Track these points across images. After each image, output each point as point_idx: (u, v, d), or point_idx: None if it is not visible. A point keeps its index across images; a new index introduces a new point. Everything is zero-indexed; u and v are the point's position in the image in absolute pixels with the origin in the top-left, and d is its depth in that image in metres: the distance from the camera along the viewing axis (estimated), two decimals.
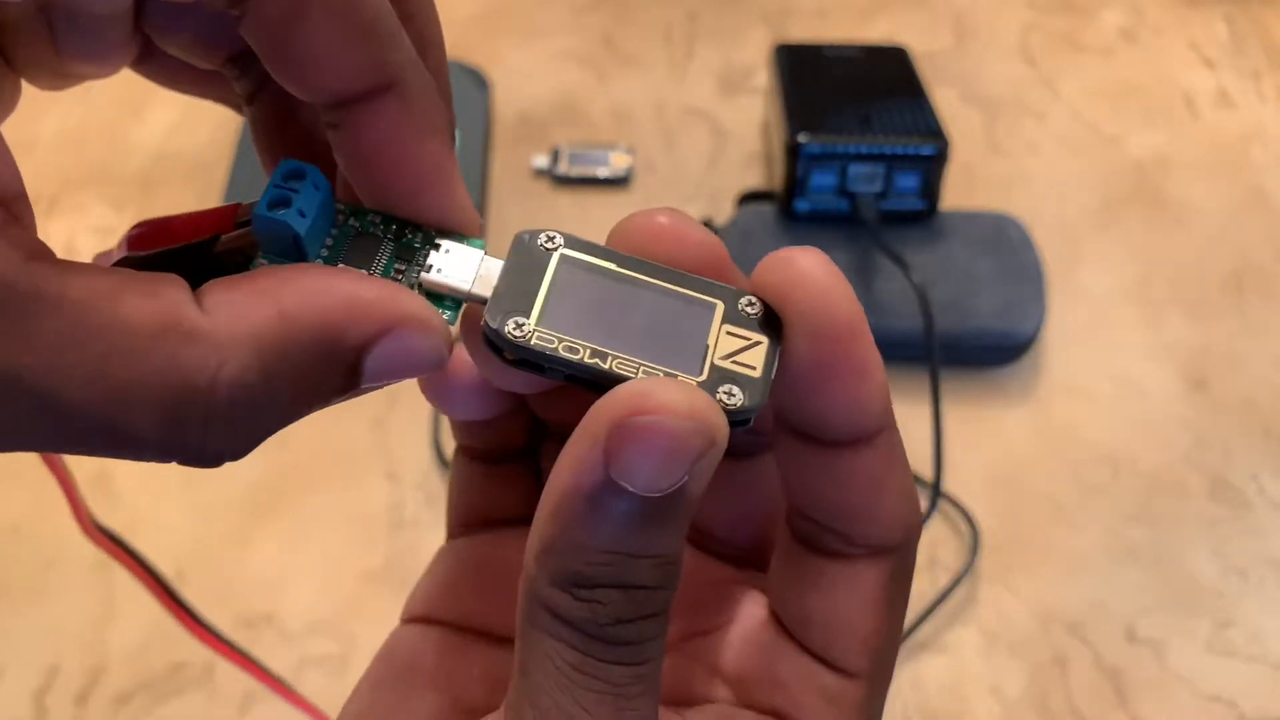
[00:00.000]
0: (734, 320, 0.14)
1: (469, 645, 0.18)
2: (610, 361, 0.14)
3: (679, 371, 0.14)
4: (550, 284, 0.14)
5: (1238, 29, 0.56)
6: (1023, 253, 0.44)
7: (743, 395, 0.14)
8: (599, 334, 0.14)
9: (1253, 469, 0.41)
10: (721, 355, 0.14)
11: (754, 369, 0.14)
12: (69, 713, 0.36)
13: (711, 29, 0.56)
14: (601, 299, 0.14)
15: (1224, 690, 0.37)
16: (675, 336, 0.14)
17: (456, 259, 0.14)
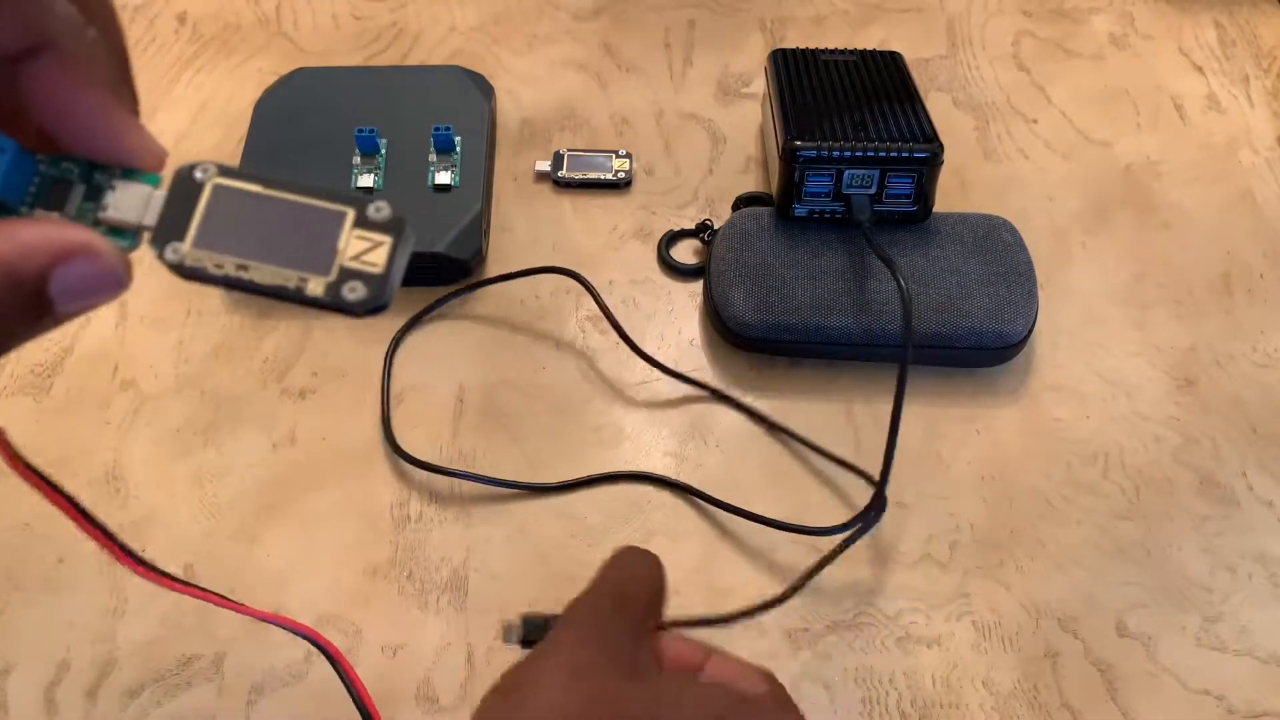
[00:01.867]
0: (363, 224, 0.16)
1: None
2: (251, 273, 0.16)
3: (311, 274, 0.16)
4: (203, 211, 0.17)
5: (1226, 34, 0.57)
6: (1014, 254, 0.44)
7: (364, 290, 0.16)
8: (244, 250, 0.16)
9: (1241, 466, 0.42)
10: (349, 257, 0.16)
11: (376, 265, 0.16)
12: (79, 706, 0.36)
13: (709, 36, 0.56)
14: (248, 219, 0.16)
15: (1213, 684, 0.37)
16: (309, 243, 0.16)
17: (132, 196, 0.17)
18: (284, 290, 0.16)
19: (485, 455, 0.42)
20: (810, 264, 0.44)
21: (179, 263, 0.17)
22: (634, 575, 0.25)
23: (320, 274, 0.16)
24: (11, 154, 0.17)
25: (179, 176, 0.17)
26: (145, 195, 0.17)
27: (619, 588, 0.24)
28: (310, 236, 0.16)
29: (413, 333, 0.46)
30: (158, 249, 0.17)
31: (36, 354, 0.45)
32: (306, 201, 0.16)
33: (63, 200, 0.17)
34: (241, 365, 0.44)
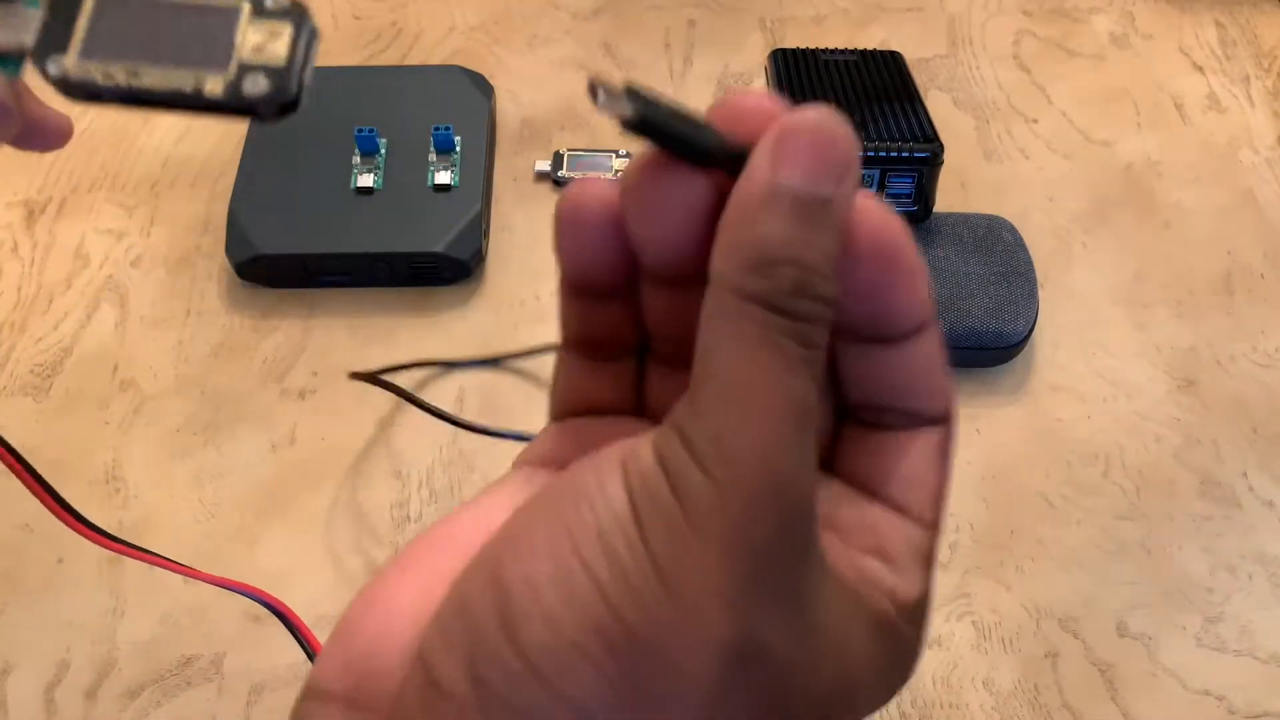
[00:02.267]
0: (261, 14, 0.15)
1: None
2: (143, 78, 0.15)
3: (208, 73, 0.15)
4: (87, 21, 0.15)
5: (1227, 34, 0.57)
6: (1015, 254, 0.44)
7: (268, 81, 0.15)
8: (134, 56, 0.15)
9: (1242, 466, 0.42)
10: (249, 50, 0.15)
11: (279, 57, 0.15)
12: (79, 707, 0.36)
13: (709, 36, 0.56)
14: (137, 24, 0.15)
15: (1213, 684, 0.37)
16: (204, 43, 0.15)
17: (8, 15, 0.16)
18: (181, 94, 0.15)
19: (486, 457, 0.42)
20: None
21: (62, 76, 0.15)
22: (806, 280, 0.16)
23: (218, 72, 0.15)
24: None
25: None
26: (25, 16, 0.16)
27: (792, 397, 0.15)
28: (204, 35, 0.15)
29: (411, 333, 0.46)
30: (39, 65, 0.15)
31: (36, 354, 0.45)
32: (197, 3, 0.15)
33: None
34: (241, 365, 0.44)
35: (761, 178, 0.15)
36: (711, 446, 0.14)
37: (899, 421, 0.17)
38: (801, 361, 0.15)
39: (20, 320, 0.46)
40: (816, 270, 0.15)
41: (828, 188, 0.15)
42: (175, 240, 0.49)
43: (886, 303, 0.16)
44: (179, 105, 0.15)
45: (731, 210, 0.15)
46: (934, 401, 0.17)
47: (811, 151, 0.15)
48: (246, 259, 0.46)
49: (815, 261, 0.15)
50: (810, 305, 0.15)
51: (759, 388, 0.14)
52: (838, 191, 0.15)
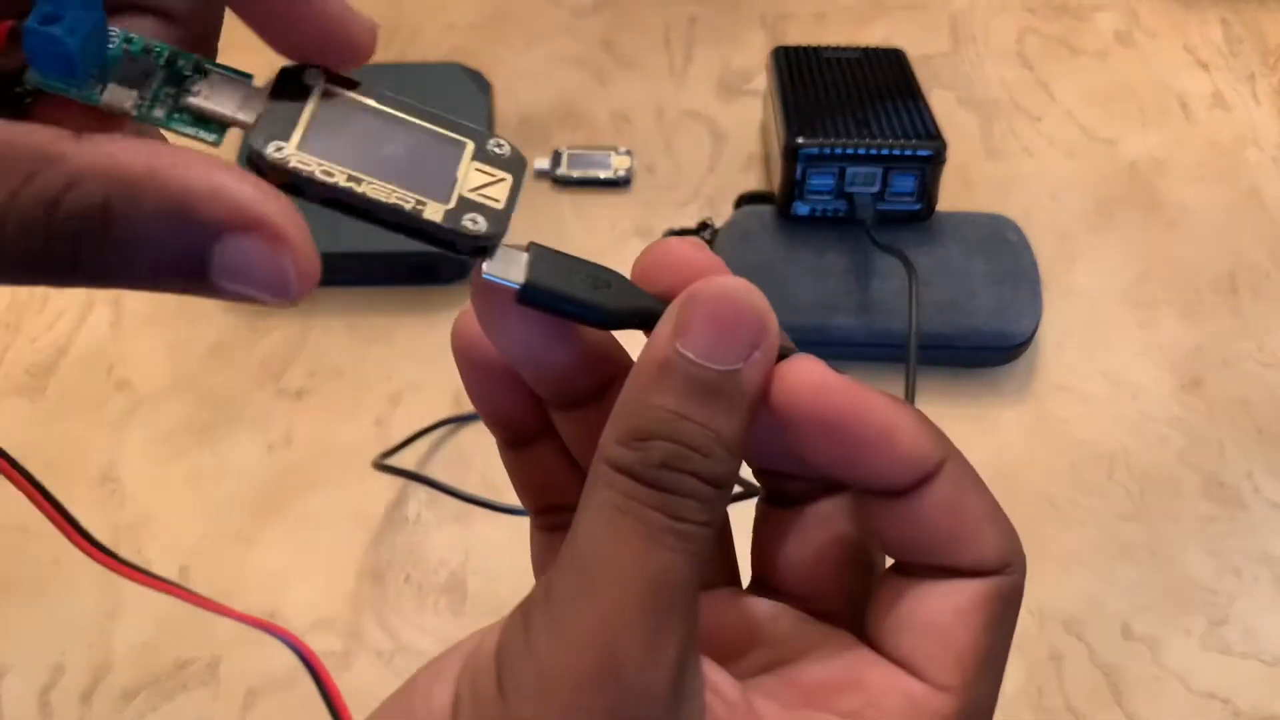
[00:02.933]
0: (483, 158, 0.15)
1: None
2: (363, 186, 0.14)
3: (429, 199, 0.15)
4: (311, 114, 0.15)
5: (1232, 32, 0.56)
6: (1019, 253, 0.44)
7: (485, 222, 0.15)
8: (354, 163, 0.15)
9: (1247, 467, 0.42)
10: (469, 188, 0.15)
11: (498, 201, 0.15)
12: (74, 710, 0.36)
13: (710, 33, 0.56)
14: (361, 132, 0.15)
15: (1218, 687, 0.37)
16: (427, 169, 0.15)
17: (224, 86, 0.15)
18: (398, 211, 0.14)
19: (485, 457, 0.42)
20: (813, 263, 0.43)
21: (283, 161, 0.14)
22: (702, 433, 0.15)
23: (438, 201, 0.15)
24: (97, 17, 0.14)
25: (284, 74, 0.15)
26: (241, 87, 0.15)
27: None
28: (429, 163, 0.15)
29: (410, 332, 0.45)
30: (257, 143, 0.14)
31: (31, 354, 0.45)
32: (424, 125, 0.15)
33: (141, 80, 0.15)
34: (238, 365, 0.44)
35: (659, 347, 0.14)
36: (547, 630, 0.13)
37: (933, 575, 0.15)
38: (668, 534, 0.13)
39: (15, 320, 0.46)
40: (700, 447, 0.14)
41: (730, 361, 0.14)
42: None
43: (858, 466, 0.15)
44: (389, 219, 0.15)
45: (630, 377, 0.14)
46: (970, 555, 0.15)
47: (716, 322, 0.14)
48: None
49: (698, 439, 0.14)
50: (684, 480, 0.14)
51: (611, 562, 0.13)
52: (746, 365, 0.14)
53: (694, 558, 0.14)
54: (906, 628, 0.15)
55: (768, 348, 0.14)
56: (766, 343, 0.14)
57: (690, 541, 0.14)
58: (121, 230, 0.13)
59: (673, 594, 0.14)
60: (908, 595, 0.15)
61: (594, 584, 0.13)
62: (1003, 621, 0.15)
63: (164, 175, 0.13)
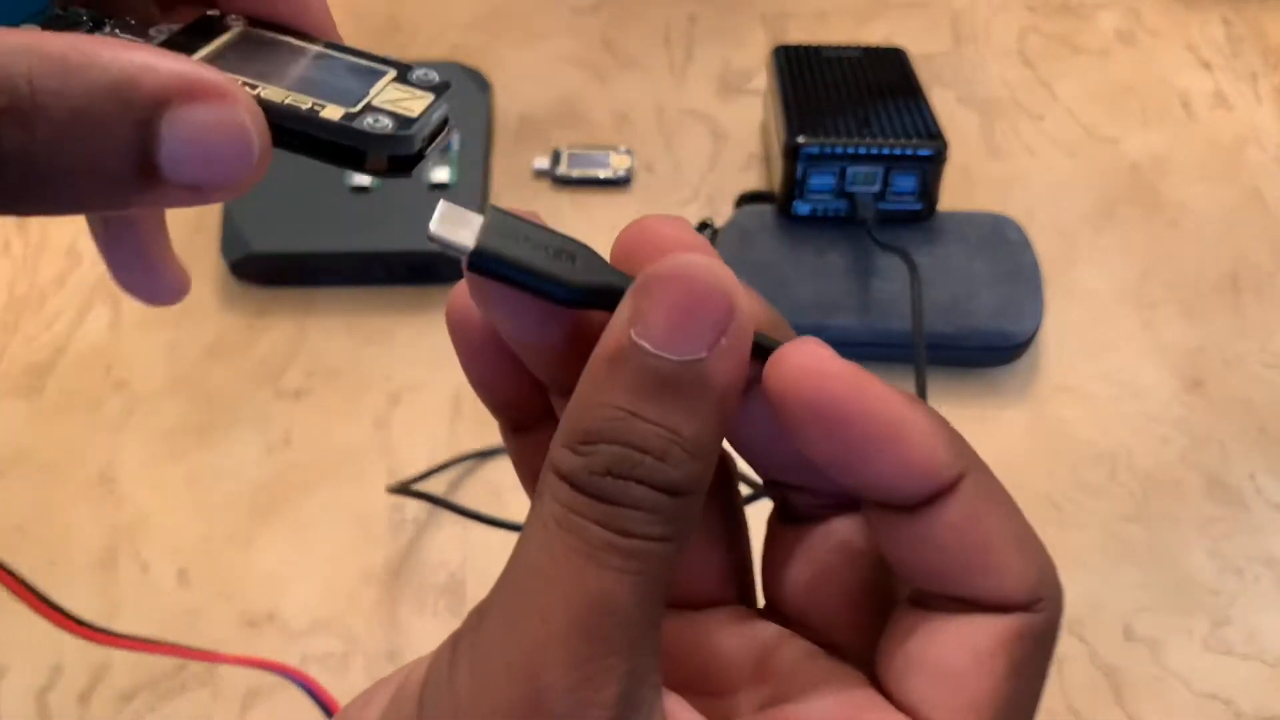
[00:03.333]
0: (405, 82, 0.15)
1: None
2: (260, 90, 0.14)
3: (327, 102, 0.14)
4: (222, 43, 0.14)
5: (1234, 31, 0.56)
6: (1020, 253, 0.44)
7: (391, 124, 0.14)
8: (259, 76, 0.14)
9: (1249, 468, 0.42)
10: (379, 100, 0.14)
11: (411, 110, 0.14)
12: (72, 711, 0.36)
13: (710, 31, 0.56)
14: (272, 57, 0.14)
15: (1220, 688, 0.37)
16: (337, 86, 0.14)
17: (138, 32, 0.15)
18: (294, 112, 0.13)
19: (484, 458, 0.42)
20: (813, 263, 0.43)
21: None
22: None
23: (340, 105, 0.14)
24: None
25: (203, 18, 0.15)
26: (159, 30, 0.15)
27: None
28: (339, 81, 0.14)
29: (410, 332, 0.45)
30: None
31: (29, 354, 0.44)
32: (343, 57, 0.14)
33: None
34: (236, 366, 0.44)
35: (613, 336, 0.12)
36: (470, 662, 0.12)
37: (951, 607, 0.14)
38: (609, 552, 0.12)
39: (13, 320, 0.45)
40: (653, 450, 0.12)
41: (691, 350, 0.12)
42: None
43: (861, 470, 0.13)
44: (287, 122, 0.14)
45: (584, 371, 0.13)
46: (990, 585, 0.13)
47: (674, 306, 0.12)
48: (241, 257, 0.45)
49: (650, 441, 0.12)
50: (630, 489, 0.12)
51: (543, 585, 0.12)
52: (711, 354, 0.12)
53: (644, 578, 0.12)
54: (917, 670, 0.13)
55: (737, 332, 0.12)
56: (735, 326, 0.12)
57: (639, 560, 0.12)
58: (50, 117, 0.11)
59: (614, 621, 0.12)
60: (921, 632, 0.14)
61: (523, 607, 0.12)
62: (1030, 666, 0.14)
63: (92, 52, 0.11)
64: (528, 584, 0.12)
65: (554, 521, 0.12)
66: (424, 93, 0.14)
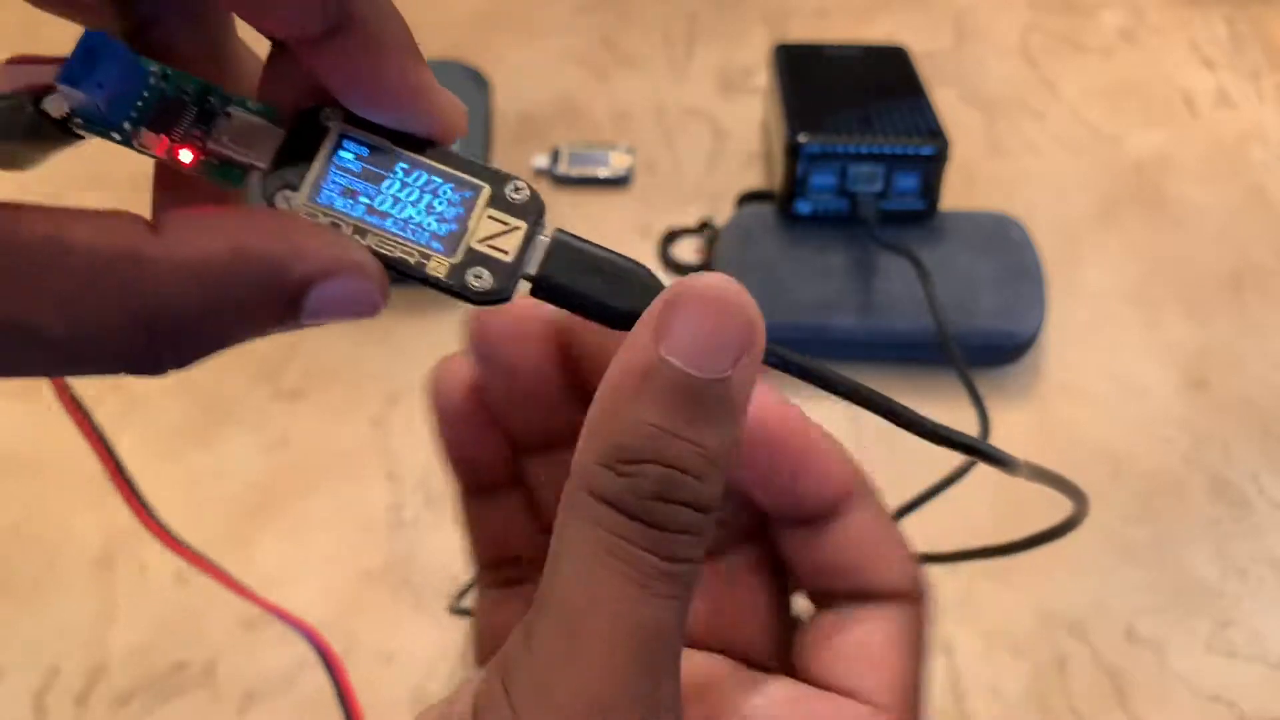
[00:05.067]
0: (498, 204, 0.15)
1: None
2: (369, 239, 0.14)
3: (434, 252, 0.14)
4: (324, 159, 0.15)
5: (1237, 29, 0.56)
6: (1023, 253, 0.44)
7: (491, 279, 0.14)
8: (363, 211, 0.14)
9: (1253, 469, 0.41)
10: (478, 239, 0.15)
11: (507, 254, 0.15)
12: (69, 713, 0.36)
13: (711, 29, 0.56)
14: (373, 176, 0.15)
15: (1224, 690, 0.37)
16: (438, 216, 0.15)
17: (243, 127, 0.15)
18: (403, 264, 0.14)
19: None
20: (814, 262, 0.43)
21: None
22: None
23: (445, 253, 0.14)
24: (125, 61, 0.14)
25: (302, 116, 0.15)
26: (260, 130, 0.15)
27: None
28: (438, 208, 0.15)
29: (407, 332, 0.45)
30: (267, 195, 0.14)
31: None
32: (440, 168, 0.15)
33: (171, 123, 0.15)
34: (233, 366, 0.44)
35: (639, 351, 0.13)
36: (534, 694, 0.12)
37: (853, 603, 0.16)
38: (660, 579, 0.12)
39: None
40: (692, 469, 0.12)
41: (719, 368, 0.12)
42: None
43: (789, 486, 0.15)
44: (394, 269, 0.15)
45: (603, 386, 0.13)
46: (884, 576, 0.16)
47: (703, 324, 0.12)
48: None
49: (689, 460, 0.12)
50: (679, 513, 0.12)
51: (599, 615, 0.12)
52: (735, 371, 0.13)
53: (684, 601, 0.13)
54: (842, 659, 0.15)
55: (756, 353, 0.13)
56: (756, 347, 0.13)
57: (682, 584, 0.13)
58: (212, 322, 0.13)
59: (665, 648, 0.12)
60: (836, 629, 0.16)
61: (583, 642, 0.12)
62: (923, 643, 0.16)
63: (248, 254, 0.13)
64: (583, 616, 0.12)
65: (604, 549, 0.12)
66: (517, 220, 0.15)
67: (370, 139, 0.15)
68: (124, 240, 0.12)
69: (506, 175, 0.15)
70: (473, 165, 0.15)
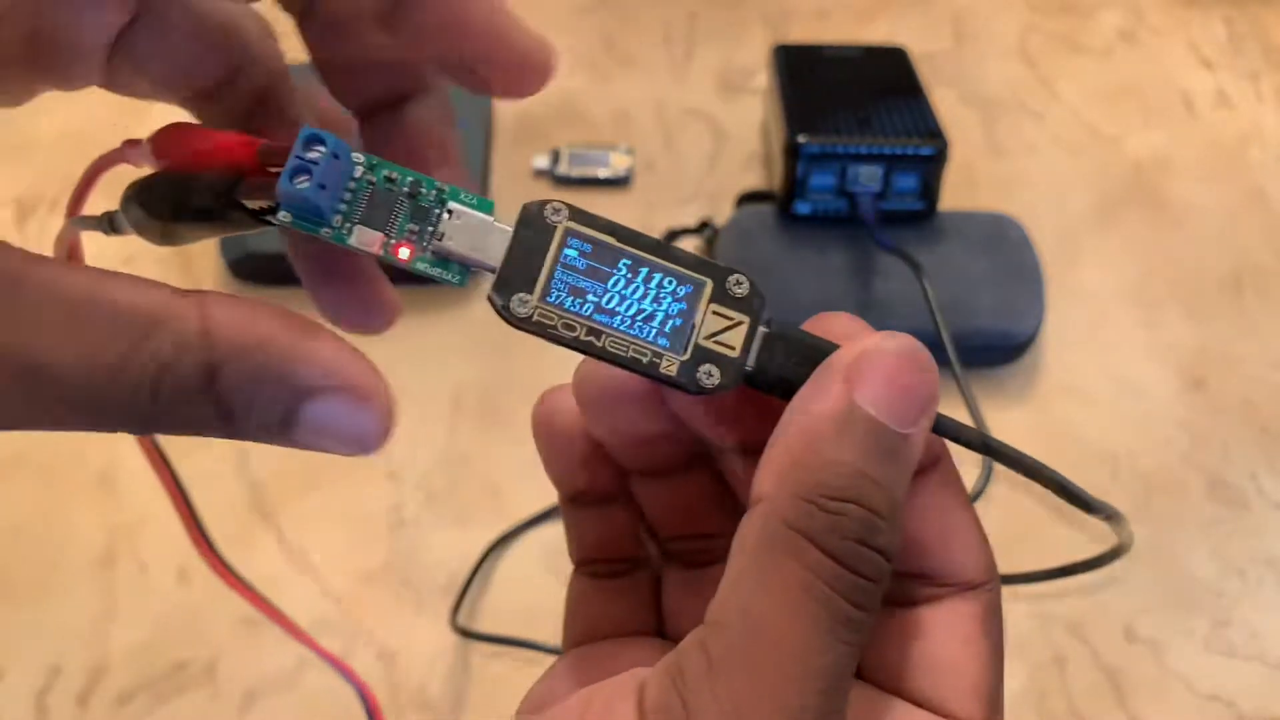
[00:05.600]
0: (720, 299, 0.15)
1: None
2: (603, 340, 0.15)
3: (665, 351, 0.15)
4: (553, 259, 0.15)
5: (1236, 30, 0.56)
6: (1021, 253, 0.44)
7: (719, 376, 0.15)
8: (594, 310, 0.15)
9: (1251, 468, 0.41)
10: (705, 335, 0.15)
11: (733, 349, 0.15)
12: (71, 713, 0.36)
13: (711, 30, 0.56)
14: (602, 274, 0.15)
15: (1222, 689, 0.37)
16: (665, 313, 0.15)
17: (466, 225, 0.15)
18: (636, 364, 0.15)
19: (484, 458, 0.41)
20: (814, 263, 0.43)
21: (528, 317, 0.15)
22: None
23: (675, 352, 0.15)
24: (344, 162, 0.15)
25: (527, 214, 0.15)
26: (483, 226, 0.15)
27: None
28: (665, 305, 0.15)
29: (410, 332, 0.45)
30: (503, 298, 0.15)
31: None
32: (662, 263, 0.15)
33: (385, 217, 0.15)
34: None
35: (833, 397, 0.13)
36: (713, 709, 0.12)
37: (923, 591, 0.15)
38: (846, 625, 0.12)
39: None
40: (884, 515, 0.13)
41: (910, 421, 0.13)
42: None
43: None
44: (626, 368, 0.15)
45: (791, 427, 0.14)
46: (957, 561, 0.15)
47: (899, 378, 0.13)
48: (240, 257, 0.45)
49: (885, 506, 0.13)
50: (872, 559, 0.13)
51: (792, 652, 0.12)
52: (915, 430, 0.13)
53: (860, 651, 0.13)
54: (917, 668, 0.15)
55: (931, 417, 0.14)
56: (932, 411, 0.14)
57: (864, 633, 0.13)
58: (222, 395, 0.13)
59: (842, 695, 0.13)
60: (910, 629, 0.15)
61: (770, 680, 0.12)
62: (997, 637, 0.15)
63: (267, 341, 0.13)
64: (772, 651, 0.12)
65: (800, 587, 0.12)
66: (740, 315, 0.15)
67: (593, 235, 0.15)
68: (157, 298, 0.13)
69: (727, 269, 0.15)
70: (693, 260, 0.15)
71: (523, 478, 0.41)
